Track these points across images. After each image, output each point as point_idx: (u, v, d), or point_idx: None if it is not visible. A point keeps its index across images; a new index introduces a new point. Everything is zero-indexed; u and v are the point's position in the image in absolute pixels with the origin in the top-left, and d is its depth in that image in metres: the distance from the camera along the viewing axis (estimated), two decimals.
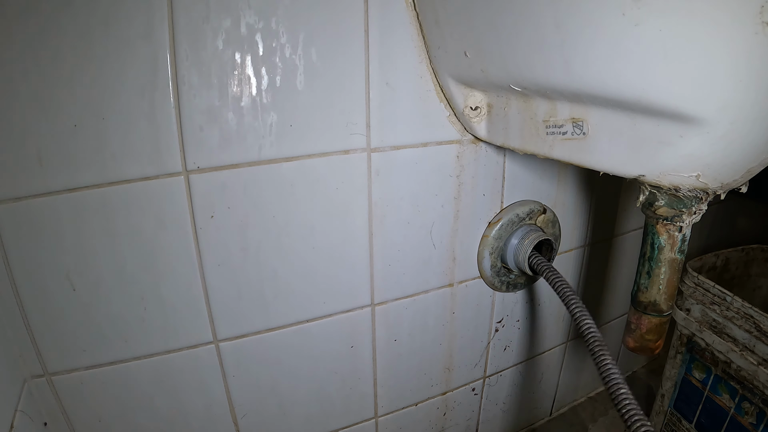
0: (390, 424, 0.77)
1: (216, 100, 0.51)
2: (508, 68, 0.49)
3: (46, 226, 0.49)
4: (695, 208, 0.42)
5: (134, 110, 0.48)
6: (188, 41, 0.48)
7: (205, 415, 0.63)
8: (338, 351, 0.68)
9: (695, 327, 0.77)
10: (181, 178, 0.52)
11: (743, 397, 0.70)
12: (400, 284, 0.68)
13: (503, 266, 0.73)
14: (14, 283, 0.49)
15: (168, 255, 0.54)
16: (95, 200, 0.50)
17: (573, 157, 0.49)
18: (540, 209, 0.73)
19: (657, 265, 0.46)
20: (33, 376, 0.53)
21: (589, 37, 0.38)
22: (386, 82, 0.57)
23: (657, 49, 0.34)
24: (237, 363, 0.62)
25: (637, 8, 0.33)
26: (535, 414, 0.97)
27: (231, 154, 0.53)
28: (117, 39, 0.46)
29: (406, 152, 0.61)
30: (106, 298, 0.53)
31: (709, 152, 0.37)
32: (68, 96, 0.46)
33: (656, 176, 0.41)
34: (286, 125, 0.54)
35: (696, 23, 0.31)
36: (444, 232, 0.68)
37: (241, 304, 0.59)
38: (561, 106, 0.48)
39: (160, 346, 0.57)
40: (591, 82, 0.41)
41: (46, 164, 0.47)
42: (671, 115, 0.36)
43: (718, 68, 0.32)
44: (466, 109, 0.60)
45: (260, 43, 0.51)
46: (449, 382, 0.80)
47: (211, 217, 0.54)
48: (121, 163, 0.49)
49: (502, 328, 0.81)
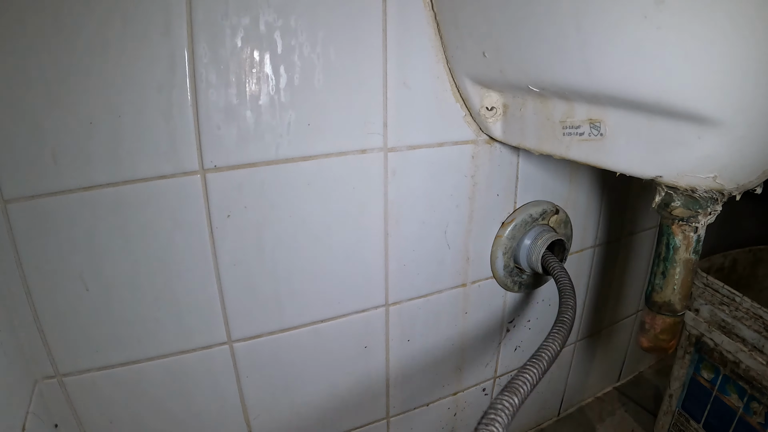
0: (401, 424, 0.77)
1: (234, 98, 0.50)
2: (527, 69, 0.49)
3: (60, 226, 0.48)
4: (711, 209, 0.42)
5: (151, 108, 0.48)
6: (206, 38, 0.48)
7: (218, 416, 0.62)
8: (352, 351, 0.68)
9: (704, 327, 0.77)
10: (197, 177, 0.51)
11: (752, 397, 0.71)
12: (414, 284, 0.68)
13: (516, 266, 0.73)
14: (26, 283, 0.49)
15: (183, 255, 0.53)
16: (110, 199, 0.49)
17: (590, 158, 0.49)
18: (553, 209, 0.73)
19: (672, 266, 0.46)
20: (44, 377, 0.53)
21: (610, 39, 0.38)
22: (404, 81, 0.57)
23: (678, 52, 0.34)
24: (251, 364, 0.61)
25: (659, 11, 0.33)
26: (543, 414, 0.97)
27: (248, 153, 0.52)
28: (134, 35, 0.45)
29: (422, 152, 0.61)
30: (120, 299, 0.53)
31: (727, 154, 0.37)
32: (84, 93, 0.45)
33: (673, 177, 0.41)
34: (303, 124, 0.54)
35: (716, 26, 0.32)
36: (458, 232, 0.68)
37: (256, 305, 0.59)
38: (578, 107, 0.48)
39: (174, 347, 0.57)
40: (610, 83, 0.41)
41: (61, 162, 0.46)
42: (689, 116, 0.36)
43: (736, 71, 0.32)
44: (482, 109, 0.60)
45: (279, 41, 0.50)
46: (460, 383, 0.80)
47: (228, 216, 0.54)
48: (137, 162, 0.49)
49: (513, 328, 0.81)
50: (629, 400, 1.04)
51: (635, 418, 0.99)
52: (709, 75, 0.33)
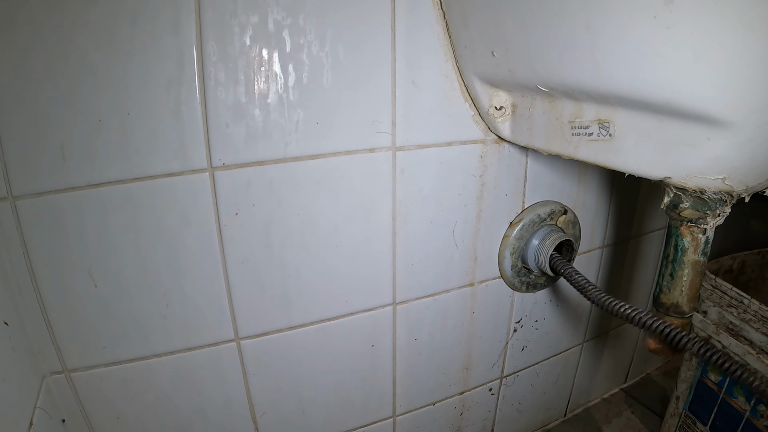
0: (408, 423, 0.77)
1: (242, 96, 0.50)
2: (536, 69, 0.49)
3: (69, 222, 0.48)
4: (719, 211, 0.42)
5: (160, 106, 0.48)
6: (215, 37, 0.48)
7: (225, 413, 0.62)
8: (359, 350, 0.68)
9: (712, 329, 0.76)
10: (206, 175, 0.51)
11: (759, 400, 0.70)
12: (422, 283, 0.68)
13: (524, 266, 0.73)
14: (35, 279, 0.49)
15: (191, 252, 0.53)
16: (119, 196, 0.49)
17: (598, 158, 0.48)
18: (561, 210, 0.72)
19: (680, 267, 0.46)
20: (52, 372, 0.53)
21: (620, 39, 0.38)
22: (412, 80, 0.57)
23: (687, 52, 0.34)
24: (258, 361, 0.61)
25: (668, 11, 0.33)
26: (550, 415, 0.97)
27: (257, 151, 0.52)
28: (143, 33, 0.45)
29: (430, 151, 0.61)
30: (128, 295, 0.53)
31: (736, 155, 0.37)
32: (93, 90, 0.45)
33: (682, 178, 0.41)
34: (312, 123, 0.54)
35: (726, 27, 0.31)
36: (466, 231, 0.68)
37: (264, 302, 0.59)
38: (587, 107, 0.48)
39: (182, 344, 0.57)
40: (620, 83, 0.41)
41: (70, 159, 0.47)
42: (699, 117, 0.36)
43: (747, 72, 0.32)
44: (490, 108, 0.60)
45: (288, 40, 0.50)
46: (467, 382, 0.80)
47: (236, 214, 0.54)
48: (146, 159, 0.49)
49: (521, 328, 0.80)
50: (636, 401, 1.04)
51: (642, 419, 0.99)
52: (719, 76, 0.33)
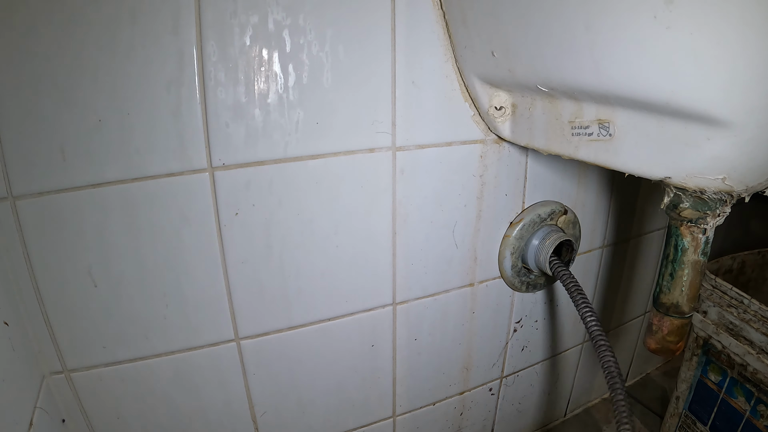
0: (408, 423, 0.77)
1: (242, 96, 0.50)
2: (536, 68, 0.49)
3: (68, 222, 0.48)
4: (719, 211, 0.42)
5: (159, 106, 0.48)
6: (215, 37, 0.48)
7: (225, 412, 0.62)
8: (359, 350, 0.68)
9: (712, 329, 0.76)
10: (206, 175, 0.51)
11: (759, 399, 0.70)
12: (422, 283, 0.68)
13: (524, 267, 0.73)
14: (35, 279, 0.49)
15: (191, 252, 0.53)
16: (119, 196, 0.49)
17: (598, 158, 0.48)
18: (561, 210, 0.72)
19: (680, 267, 0.46)
20: (52, 372, 0.53)
21: (620, 39, 0.38)
22: (412, 80, 0.57)
23: (687, 52, 0.34)
24: (258, 361, 0.61)
25: (668, 11, 0.33)
26: (550, 415, 0.97)
27: (257, 151, 0.52)
28: (143, 33, 0.45)
29: (430, 151, 0.61)
30: (128, 295, 0.53)
31: (736, 155, 0.37)
32: (93, 90, 0.45)
33: (682, 178, 0.41)
34: (312, 122, 0.54)
35: (727, 27, 0.31)
36: (466, 231, 0.68)
37: (264, 302, 0.59)
38: (587, 107, 0.48)
39: (181, 344, 0.57)
40: (620, 83, 0.41)
41: (70, 159, 0.47)
42: (699, 117, 0.36)
43: (747, 72, 0.32)
44: (490, 108, 0.60)
45: (288, 40, 0.50)
46: (467, 382, 0.80)
47: (236, 214, 0.54)
48: (146, 159, 0.49)
49: (521, 328, 0.80)
50: (636, 401, 1.04)
51: (642, 419, 0.99)
52: (719, 75, 0.33)
